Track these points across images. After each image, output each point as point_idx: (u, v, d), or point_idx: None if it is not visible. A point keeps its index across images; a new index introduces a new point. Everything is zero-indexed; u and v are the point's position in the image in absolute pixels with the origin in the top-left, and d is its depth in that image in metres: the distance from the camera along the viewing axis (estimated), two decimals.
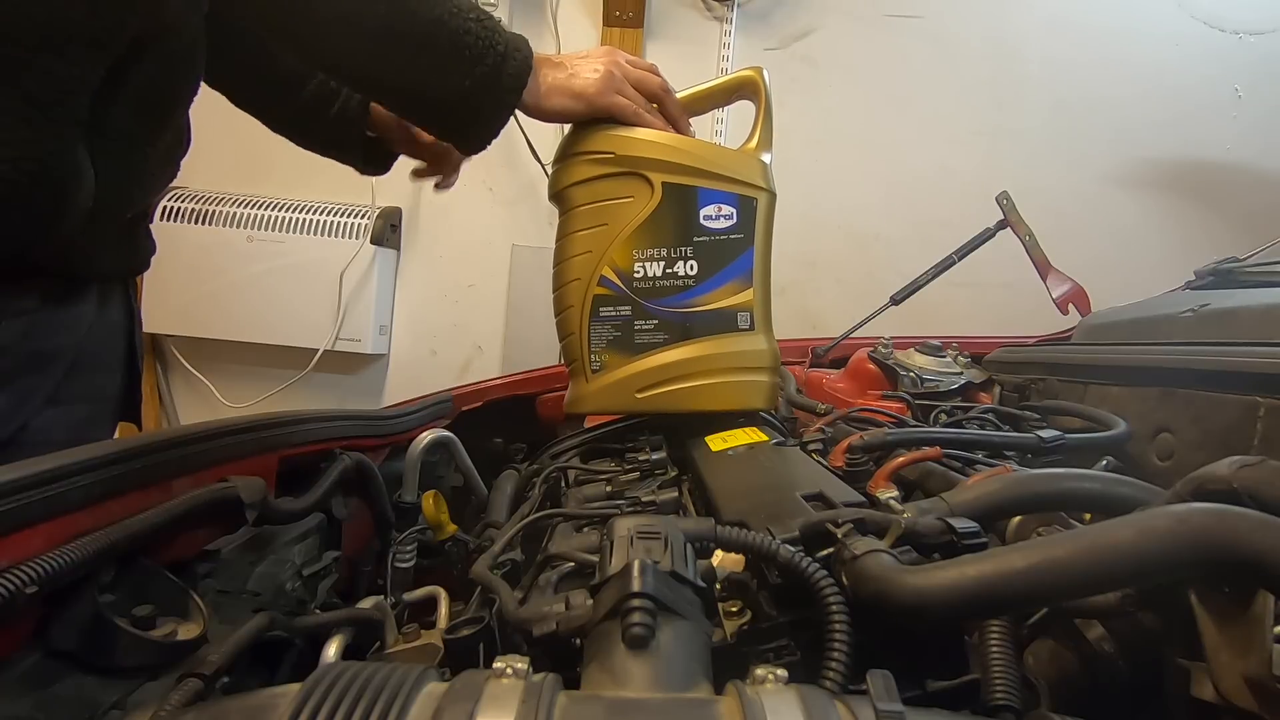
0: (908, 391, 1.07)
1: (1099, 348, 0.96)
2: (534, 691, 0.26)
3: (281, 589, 0.65)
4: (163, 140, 0.74)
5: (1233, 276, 1.05)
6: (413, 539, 0.86)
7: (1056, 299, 1.33)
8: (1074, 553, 0.31)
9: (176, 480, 0.59)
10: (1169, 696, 0.38)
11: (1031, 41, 1.98)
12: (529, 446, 1.07)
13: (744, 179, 0.80)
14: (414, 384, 2.06)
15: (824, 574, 0.36)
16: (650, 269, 0.80)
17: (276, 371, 2.08)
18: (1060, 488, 0.48)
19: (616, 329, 0.81)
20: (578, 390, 0.83)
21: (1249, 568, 0.29)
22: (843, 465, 0.65)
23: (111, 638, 0.47)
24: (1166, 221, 1.97)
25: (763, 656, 0.38)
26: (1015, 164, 1.96)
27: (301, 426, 0.75)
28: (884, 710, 0.26)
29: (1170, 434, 0.71)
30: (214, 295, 2.00)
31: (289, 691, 0.27)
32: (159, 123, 0.73)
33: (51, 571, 0.43)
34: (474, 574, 0.52)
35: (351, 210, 2.04)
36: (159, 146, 0.74)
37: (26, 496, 0.45)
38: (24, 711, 0.41)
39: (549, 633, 0.37)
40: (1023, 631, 0.44)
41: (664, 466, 0.72)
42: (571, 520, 0.63)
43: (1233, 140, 1.94)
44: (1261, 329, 0.73)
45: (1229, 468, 0.36)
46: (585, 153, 0.79)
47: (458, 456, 1.00)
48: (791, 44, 2.04)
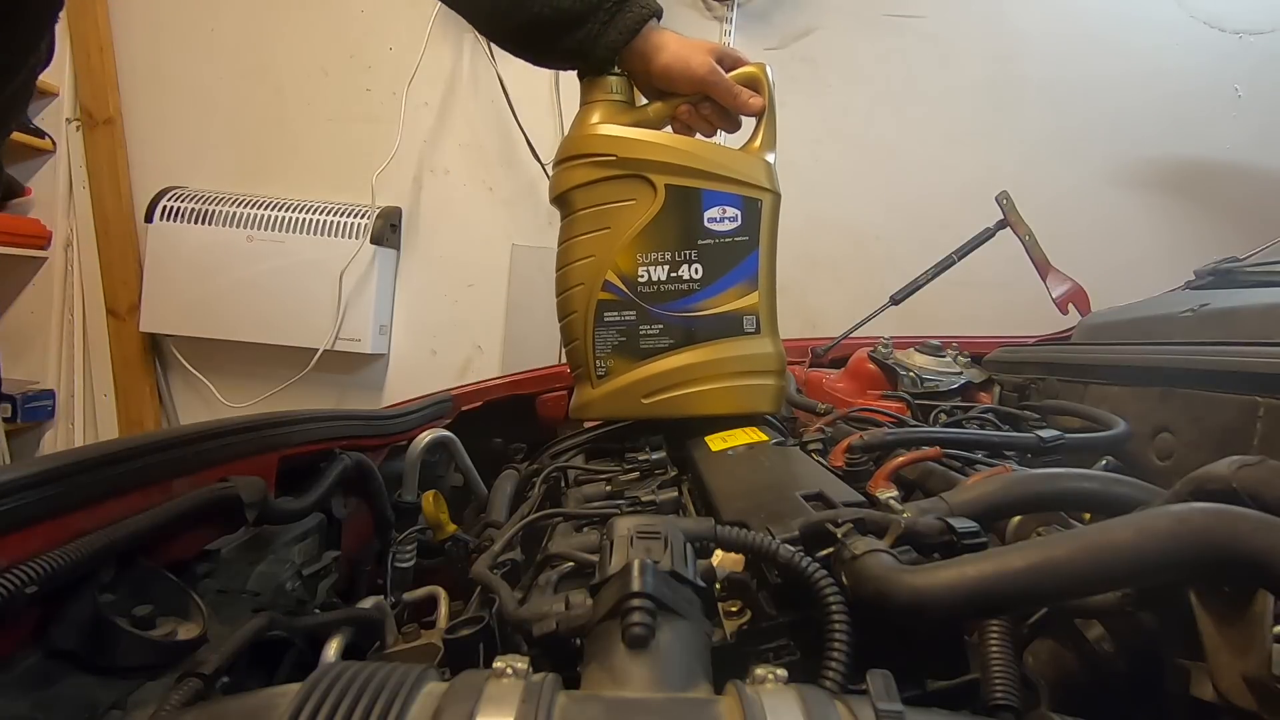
0: (907, 391, 1.07)
1: (1099, 348, 0.96)
2: (534, 691, 0.26)
3: (281, 589, 0.65)
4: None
5: (1233, 276, 1.05)
6: (413, 539, 0.86)
7: (1056, 299, 1.33)
8: (1073, 553, 0.31)
9: (176, 480, 0.59)
10: (1169, 696, 0.38)
11: (1031, 41, 1.98)
12: (529, 446, 1.07)
13: (748, 180, 0.80)
14: (414, 384, 2.06)
15: (824, 574, 0.36)
16: (655, 273, 0.79)
17: (276, 371, 2.08)
18: (1060, 488, 0.48)
19: (621, 334, 0.80)
20: (584, 396, 0.83)
21: (1249, 568, 0.29)
22: (843, 465, 0.65)
23: (111, 638, 0.47)
24: (1166, 221, 1.97)
25: (763, 656, 0.38)
26: (1015, 164, 1.96)
27: (301, 426, 0.75)
28: (884, 710, 0.26)
29: (1170, 434, 0.71)
30: (214, 295, 2.01)
31: (289, 691, 0.27)
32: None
33: (51, 571, 0.43)
34: (474, 574, 0.52)
35: (351, 210, 2.05)
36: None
37: (26, 496, 0.45)
38: (24, 711, 0.41)
39: (549, 632, 0.37)
40: (1023, 631, 0.44)
41: (664, 466, 0.72)
42: (571, 520, 0.63)
43: (1233, 140, 1.94)
44: (1261, 329, 0.73)
45: (1229, 468, 0.36)
46: (587, 155, 0.79)
47: (458, 456, 1.00)
48: (791, 44, 2.04)
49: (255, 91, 2.13)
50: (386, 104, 2.08)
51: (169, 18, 2.12)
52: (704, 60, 0.78)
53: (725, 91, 0.79)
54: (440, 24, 2.03)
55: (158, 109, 2.14)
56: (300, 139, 2.14)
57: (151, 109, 2.14)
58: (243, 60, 2.12)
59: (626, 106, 0.81)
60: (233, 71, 2.13)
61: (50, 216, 2.14)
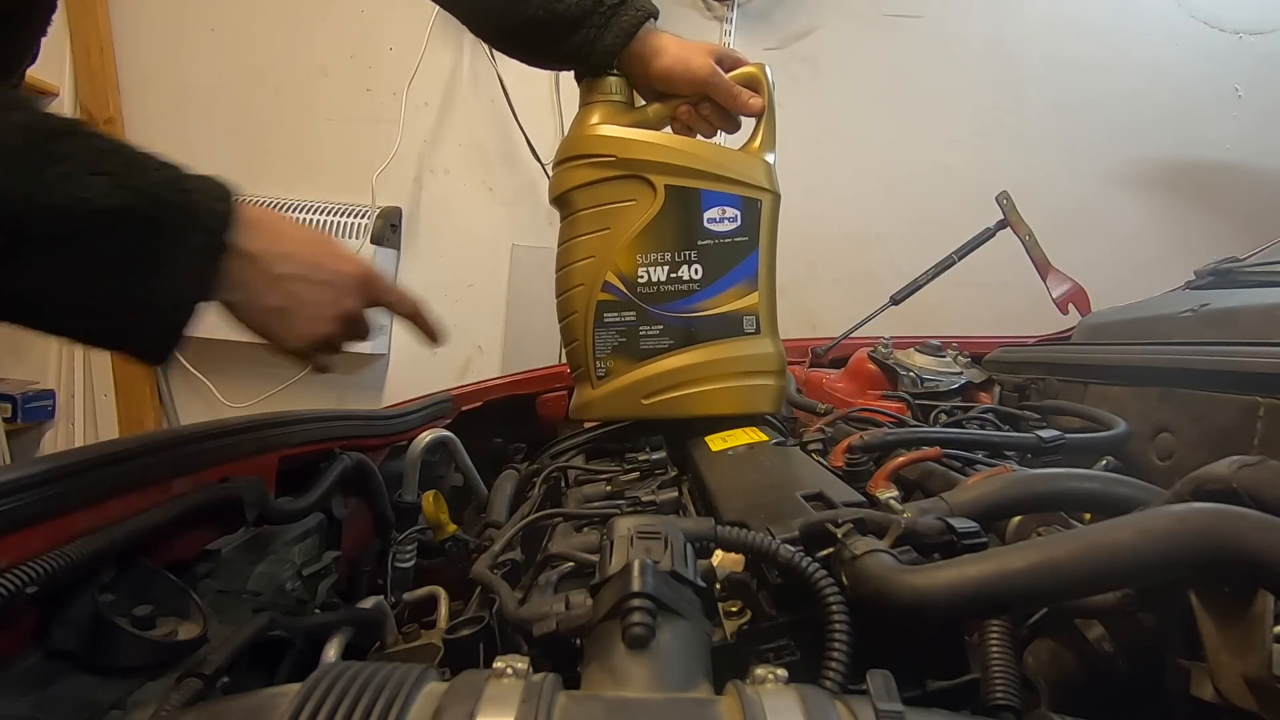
0: (908, 391, 1.07)
1: (1099, 348, 0.95)
2: (534, 691, 0.26)
3: (281, 589, 0.65)
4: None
5: (1233, 276, 1.05)
6: (413, 539, 0.86)
7: (1056, 299, 1.33)
8: (1074, 553, 0.31)
9: (176, 480, 0.59)
10: (1169, 696, 0.38)
11: (1031, 41, 1.98)
12: (529, 446, 1.07)
13: (748, 180, 0.80)
14: (414, 384, 2.05)
15: (824, 574, 0.36)
16: (654, 274, 0.79)
17: (276, 371, 2.07)
18: (1060, 488, 0.48)
19: (622, 335, 0.80)
20: (584, 397, 0.83)
21: (1249, 568, 0.29)
22: (843, 465, 0.65)
23: (111, 638, 0.47)
24: (1166, 221, 1.97)
25: (763, 656, 0.38)
26: (1015, 164, 1.95)
27: (301, 426, 0.75)
28: (884, 710, 0.26)
29: (1170, 434, 0.71)
30: None
31: (289, 691, 0.27)
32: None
33: (51, 571, 0.43)
34: (474, 574, 0.52)
35: (351, 210, 2.05)
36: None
37: (26, 496, 0.45)
38: (24, 711, 0.41)
39: (549, 632, 0.37)
40: (1023, 631, 0.44)
41: (664, 466, 0.72)
42: (571, 520, 0.63)
43: (1233, 140, 1.94)
44: (1261, 329, 0.73)
45: (1229, 468, 0.36)
46: (587, 155, 0.79)
47: (458, 456, 1.00)
48: (791, 44, 2.04)
49: (255, 91, 2.13)
50: (387, 104, 2.08)
51: (169, 18, 2.12)
52: (704, 62, 0.78)
53: (725, 92, 0.79)
54: (440, 24, 2.03)
55: (158, 109, 2.14)
56: (300, 139, 2.13)
57: (151, 109, 2.14)
58: (243, 60, 2.12)
59: (626, 107, 0.81)
60: (233, 71, 2.13)
61: None
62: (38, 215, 0.41)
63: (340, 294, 0.57)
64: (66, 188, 0.42)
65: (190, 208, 0.47)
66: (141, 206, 0.44)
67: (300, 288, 0.54)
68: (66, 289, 0.44)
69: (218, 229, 0.48)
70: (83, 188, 0.42)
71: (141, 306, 0.46)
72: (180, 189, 0.47)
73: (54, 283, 0.44)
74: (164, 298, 0.47)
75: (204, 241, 0.47)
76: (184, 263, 0.47)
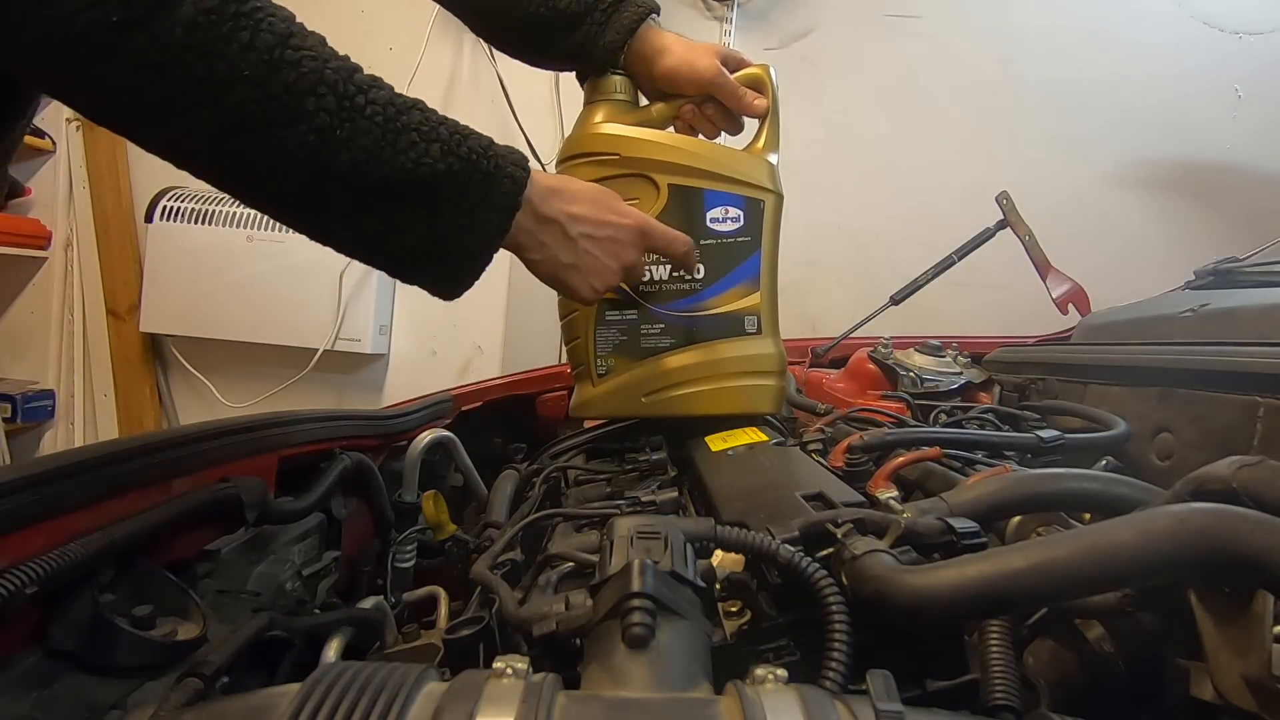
0: (907, 391, 1.07)
1: (1099, 348, 0.95)
2: (534, 691, 0.26)
3: (281, 589, 0.65)
4: None
5: (1232, 276, 1.05)
6: (413, 539, 0.86)
7: (1056, 299, 1.33)
8: (1074, 553, 0.31)
9: (176, 480, 0.59)
10: (1169, 696, 0.38)
11: (1031, 41, 1.98)
12: (529, 446, 1.07)
13: (751, 180, 0.80)
14: (414, 384, 2.06)
15: (824, 574, 0.36)
16: (656, 272, 0.79)
17: (276, 371, 2.07)
18: (1060, 488, 0.48)
19: (623, 333, 0.80)
20: (584, 394, 0.83)
21: (1249, 568, 0.29)
22: (843, 465, 0.65)
23: (111, 638, 0.47)
24: (1166, 221, 1.97)
25: (763, 656, 0.38)
26: (1015, 164, 1.95)
27: (301, 426, 0.75)
28: (884, 710, 0.26)
29: (1170, 434, 0.71)
30: (214, 295, 2.00)
31: (289, 691, 0.27)
32: None
33: (51, 571, 0.43)
34: (474, 574, 0.52)
35: None
36: None
37: (26, 496, 0.45)
38: (24, 711, 0.41)
39: (549, 633, 0.37)
40: (1023, 631, 0.44)
41: (664, 466, 0.72)
42: (571, 520, 0.63)
43: (1233, 140, 1.94)
44: (1261, 329, 0.73)
45: (1229, 468, 0.36)
46: (590, 154, 0.79)
47: (458, 456, 1.00)
48: (791, 44, 2.04)
49: None
50: None
51: None
52: (710, 63, 0.78)
53: (730, 93, 0.79)
54: (440, 24, 2.03)
55: None
56: None
57: None
58: None
59: (630, 106, 0.81)
60: None
61: (50, 216, 2.13)
62: (397, 176, 0.50)
63: (623, 247, 0.66)
64: (414, 154, 0.51)
65: (495, 172, 0.55)
66: (464, 170, 0.53)
67: (590, 245, 0.64)
68: (397, 233, 0.53)
69: (514, 191, 0.57)
70: (424, 154, 0.51)
71: (444, 252, 0.55)
72: (488, 155, 0.55)
73: (390, 228, 0.53)
74: (465, 245, 0.56)
75: (503, 202, 0.56)
76: (484, 218, 0.56)
